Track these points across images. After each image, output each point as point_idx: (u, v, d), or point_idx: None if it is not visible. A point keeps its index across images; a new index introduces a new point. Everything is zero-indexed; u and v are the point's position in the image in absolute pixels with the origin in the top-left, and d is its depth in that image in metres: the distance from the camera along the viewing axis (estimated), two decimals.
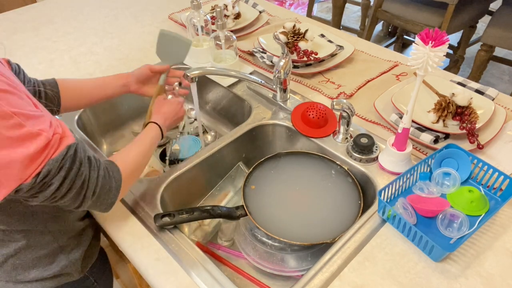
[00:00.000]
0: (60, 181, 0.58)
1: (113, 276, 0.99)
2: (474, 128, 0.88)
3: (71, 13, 1.55)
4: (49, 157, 0.56)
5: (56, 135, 0.57)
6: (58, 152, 0.57)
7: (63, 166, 0.58)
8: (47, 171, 0.56)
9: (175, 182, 0.88)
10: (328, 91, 1.10)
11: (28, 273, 0.72)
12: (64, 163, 0.58)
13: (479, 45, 2.08)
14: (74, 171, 0.59)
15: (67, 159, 0.58)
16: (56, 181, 0.58)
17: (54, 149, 0.57)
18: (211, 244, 0.89)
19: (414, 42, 0.69)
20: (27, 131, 0.53)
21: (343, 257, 0.70)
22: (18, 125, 0.52)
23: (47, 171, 0.56)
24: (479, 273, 0.67)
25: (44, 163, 0.56)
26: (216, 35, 1.10)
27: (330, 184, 0.88)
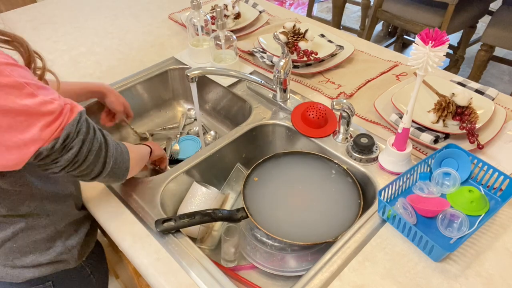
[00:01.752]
0: (80, 144, 0.61)
1: (108, 272, 0.99)
2: (474, 128, 0.88)
3: (71, 13, 1.55)
4: (65, 123, 0.59)
5: (67, 105, 0.61)
6: (72, 117, 0.60)
7: (80, 130, 0.61)
8: (66, 135, 0.59)
9: (175, 182, 0.88)
10: (328, 91, 1.10)
11: (25, 257, 0.74)
12: (81, 127, 0.62)
13: (479, 45, 2.08)
14: (90, 134, 0.63)
15: (82, 123, 0.62)
16: (76, 144, 0.61)
17: (68, 116, 0.60)
18: None
19: (414, 42, 0.69)
20: (40, 99, 0.56)
21: (343, 257, 0.70)
22: (31, 94, 0.55)
23: (66, 135, 0.59)
24: (479, 273, 0.67)
25: (62, 128, 0.59)
26: (216, 35, 1.10)
27: (330, 184, 0.88)
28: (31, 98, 0.55)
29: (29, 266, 0.75)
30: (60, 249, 0.77)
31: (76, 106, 0.62)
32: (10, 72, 0.53)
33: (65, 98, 0.62)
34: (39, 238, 0.74)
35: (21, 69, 0.56)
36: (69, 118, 0.60)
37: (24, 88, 0.54)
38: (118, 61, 1.26)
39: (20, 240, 0.72)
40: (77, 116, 0.61)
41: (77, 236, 0.80)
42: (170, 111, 1.30)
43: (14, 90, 0.53)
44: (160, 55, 1.28)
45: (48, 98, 0.57)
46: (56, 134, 0.58)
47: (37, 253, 0.75)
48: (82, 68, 1.22)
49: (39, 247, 0.75)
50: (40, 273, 0.76)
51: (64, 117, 0.59)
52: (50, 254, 0.76)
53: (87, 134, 0.63)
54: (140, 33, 1.41)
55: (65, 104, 0.60)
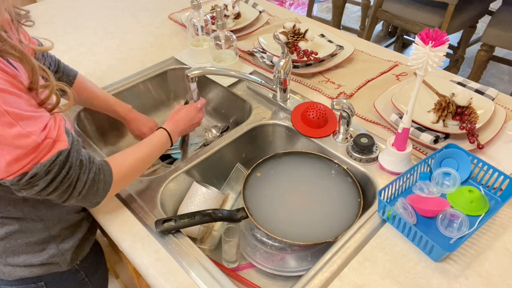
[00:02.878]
0: (46, 183, 0.60)
1: (108, 275, 0.99)
2: (474, 128, 0.88)
3: (71, 13, 1.55)
4: (37, 160, 0.58)
5: (48, 139, 0.58)
6: (49, 156, 0.58)
7: (51, 171, 0.59)
8: (34, 174, 0.58)
9: (175, 182, 0.88)
10: (328, 91, 1.10)
11: (18, 257, 0.74)
12: (53, 168, 0.59)
13: (479, 45, 2.08)
14: (62, 175, 0.61)
15: (56, 164, 0.60)
16: (42, 182, 0.59)
17: (44, 153, 0.58)
18: None
19: (414, 42, 0.69)
20: (16, 131, 0.54)
21: (343, 257, 0.70)
22: (8, 124, 0.54)
23: (34, 174, 0.58)
24: (479, 273, 0.67)
25: (32, 165, 0.57)
26: (216, 35, 1.10)
27: (330, 184, 0.88)
28: (7, 128, 0.54)
29: (20, 266, 0.75)
30: (53, 251, 0.77)
31: (60, 142, 0.60)
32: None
33: (58, 125, 0.61)
34: (32, 241, 0.74)
35: (11, 96, 0.55)
36: (44, 156, 0.58)
37: (3, 116, 0.53)
38: (118, 61, 1.26)
39: (13, 240, 0.73)
40: (54, 155, 0.59)
41: (72, 240, 0.80)
42: (170, 111, 1.30)
43: None
44: (160, 55, 1.28)
45: (25, 131, 0.55)
46: (24, 169, 0.57)
47: (29, 254, 0.75)
48: (82, 68, 1.22)
49: (32, 249, 0.75)
50: (31, 273, 0.76)
51: (39, 154, 0.57)
52: (42, 256, 0.76)
53: (57, 174, 0.60)
54: (140, 33, 1.41)
55: (46, 139, 0.58)
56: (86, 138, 0.98)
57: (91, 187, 0.66)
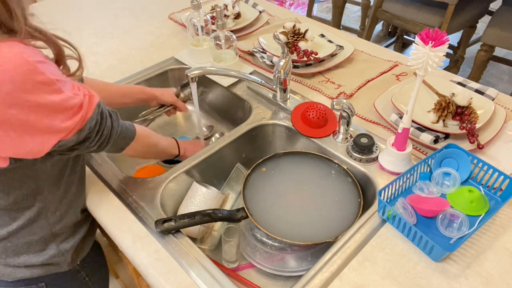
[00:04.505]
0: (95, 133, 0.68)
1: (109, 275, 0.99)
2: (474, 128, 0.88)
3: (71, 13, 1.55)
4: (86, 116, 0.64)
5: (86, 96, 0.65)
6: (92, 111, 0.65)
7: (96, 122, 0.68)
8: (87, 128, 0.65)
9: (175, 182, 0.88)
10: (328, 91, 1.10)
11: (18, 257, 0.74)
12: (98, 118, 0.68)
13: (479, 45, 2.08)
14: (103, 124, 0.69)
15: (98, 115, 0.68)
16: (92, 133, 0.67)
17: (87, 108, 0.65)
18: None
19: (414, 42, 0.69)
20: (65, 95, 0.60)
21: (343, 257, 0.70)
22: (58, 91, 0.59)
23: (87, 128, 0.65)
24: (479, 273, 0.67)
25: (83, 121, 0.64)
26: (216, 35, 1.10)
27: (330, 184, 0.88)
28: (58, 94, 0.59)
29: (21, 266, 0.75)
30: (53, 252, 0.77)
31: (93, 96, 0.66)
32: (43, 70, 0.57)
33: (81, 85, 0.66)
34: (33, 240, 0.74)
35: (51, 65, 0.60)
36: (88, 111, 0.65)
37: (54, 84, 0.58)
38: (118, 61, 1.26)
39: (15, 239, 0.73)
40: (95, 109, 0.66)
41: (72, 240, 0.80)
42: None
43: (45, 86, 0.57)
44: (160, 55, 1.28)
45: (71, 94, 0.61)
46: (78, 127, 0.63)
47: (30, 253, 0.75)
48: None
49: (33, 248, 0.75)
50: (31, 274, 0.76)
51: (84, 110, 0.64)
52: (43, 256, 0.76)
53: (101, 124, 0.69)
54: (140, 33, 1.41)
55: (84, 96, 0.64)
56: None
57: (121, 133, 0.75)
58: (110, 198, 0.83)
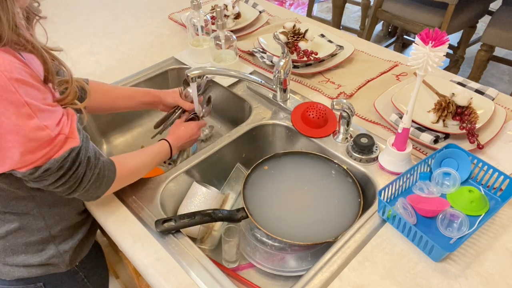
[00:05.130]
0: (56, 178, 0.62)
1: (108, 276, 0.99)
2: (474, 128, 0.88)
3: (71, 13, 1.55)
4: (50, 155, 0.59)
5: (61, 135, 0.60)
6: (61, 153, 0.60)
7: (62, 166, 0.61)
8: (46, 168, 0.60)
9: (175, 182, 0.88)
10: (328, 91, 1.10)
11: (17, 256, 0.74)
12: (64, 164, 0.61)
13: (479, 45, 2.08)
14: (71, 171, 0.63)
15: (67, 161, 0.62)
16: (52, 178, 0.62)
17: (57, 148, 0.60)
18: None
19: (414, 42, 0.69)
20: (34, 123, 0.56)
21: (343, 257, 0.70)
22: (28, 116, 0.55)
23: (46, 168, 0.60)
24: (479, 273, 0.67)
25: (45, 160, 0.59)
26: (216, 35, 1.10)
27: (330, 184, 0.88)
28: (26, 119, 0.55)
29: (19, 265, 0.75)
30: (52, 252, 0.77)
31: (72, 139, 0.62)
32: (16, 89, 0.54)
33: (70, 122, 0.62)
34: (32, 240, 0.74)
35: (31, 88, 0.56)
36: (57, 151, 0.60)
37: (23, 107, 0.55)
38: (118, 61, 1.26)
39: (12, 239, 0.73)
40: (66, 152, 0.61)
41: (71, 241, 0.80)
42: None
43: (13, 107, 0.54)
44: (160, 55, 1.28)
45: (42, 124, 0.57)
46: (37, 163, 0.59)
47: (28, 254, 0.75)
48: (82, 68, 1.22)
49: (31, 249, 0.75)
50: (29, 274, 0.76)
51: (52, 148, 0.59)
52: (41, 257, 0.76)
53: (68, 170, 0.63)
54: (140, 33, 1.41)
55: (59, 134, 0.60)
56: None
57: (95, 182, 0.68)
58: (110, 198, 0.83)
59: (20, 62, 0.56)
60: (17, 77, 0.54)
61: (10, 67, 0.53)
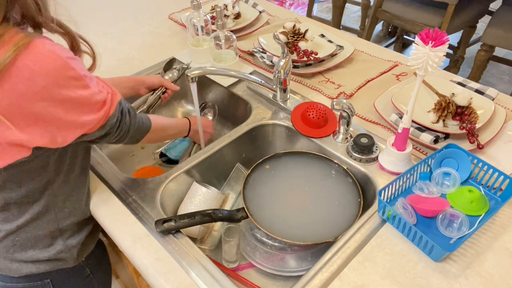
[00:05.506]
0: (115, 129, 0.72)
1: (111, 272, 0.99)
2: (474, 128, 0.88)
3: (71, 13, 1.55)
4: (109, 112, 0.68)
5: (109, 94, 0.68)
6: (114, 107, 0.69)
7: (117, 119, 0.71)
8: (110, 125, 0.69)
9: (175, 182, 0.88)
10: (328, 91, 1.10)
11: (25, 252, 0.75)
12: (118, 116, 0.71)
13: (479, 45, 2.08)
14: (123, 121, 0.73)
15: (119, 112, 0.71)
16: (113, 129, 0.72)
17: (110, 105, 0.68)
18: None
19: (414, 42, 0.69)
20: (91, 91, 0.63)
21: (343, 257, 0.70)
22: (86, 86, 0.62)
23: (110, 125, 0.69)
24: (479, 273, 0.67)
25: (106, 117, 0.67)
26: (216, 35, 1.10)
27: (330, 184, 0.88)
28: (86, 89, 0.62)
29: (27, 261, 0.75)
30: (60, 247, 0.77)
31: (115, 94, 0.70)
32: (73, 66, 0.60)
33: (104, 81, 0.69)
34: (41, 234, 0.75)
35: (79, 61, 0.63)
36: (111, 108, 0.68)
37: (82, 80, 0.61)
38: (118, 61, 1.26)
39: (23, 234, 0.74)
40: (117, 106, 0.70)
41: (79, 236, 0.80)
42: (170, 111, 1.30)
43: (76, 81, 0.61)
44: (160, 55, 1.28)
45: (97, 90, 0.65)
46: (101, 122, 0.67)
47: (37, 249, 0.76)
48: None
49: (40, 243, 0.76)
50: (38, 270, 0.76)
51: (107, 107, 0.67)
52: (50, 252, 0.76)
53: (121, 121, 0.73)
54: (140, 33, 1.41)
55: (107, 93, 0.68)
56: None
57: (138, 128, 0.80)
58: (110, 198, 0.83)
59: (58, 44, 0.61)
60: (68, 55, 0.60)
61: (60, 48, 0.60)
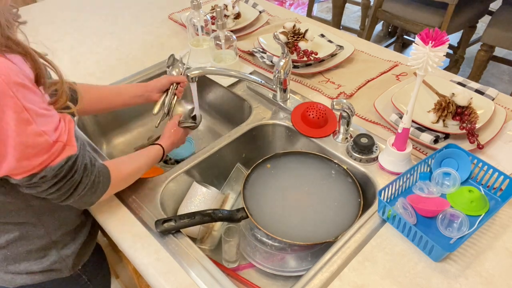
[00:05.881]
0: (51, 185, 0.61)
1: (110, 276, 0.99)
2: (474, 128, 0.88)
3: (71, 13, 1.55)
4: (47, 163, 0.58)
5: (60, 142, 0.59)
6: (58, 160, 0.59)
7: (58, 174, 0.60)
8: (43, 176, 0.58)
9: (175, 182, 0.88)
10: (328, 91, 1.10)
11: (19, 264, 0.74)
12: (60, 172, 0.60)
13: (479, 45, 2.08)
14: (67, 178, 0.62)
15: (64, 168, 0.61)
16: (46, 184, 0.61)
17: (55, 156, 0.59)
18: None
19: (414, 42, 0.69)
20: (32, 129, 0.55)
21: (343, 257, 0.70)
22: (26, 121, 0.54)
23: (43, 176, 0.58)
24: (479, 273, 0.67)
25: (42, 167, 0.58)
26: (216, 35, 1.10)
27: (330, 184, 0.88)
28: (24, 125, 0.54)
29: (22, 273, 0.74)
30: (54, 258, 0.76)
31: (70, 147, 0.61)
32: (15, 93, 0.52)
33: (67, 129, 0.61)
34: (33, 248, 0.74)
35: (28, 91, 0.54)
36: (54, 159, 0.59)
37: (22, 112, 0.53)
38: (118, 61, 1.26)
39: (13, 248, 0.72)
40: (63, 160, 0.60)
41: (73, 245, 0.79)
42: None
43: (12, 112, 0.52)
44: (160, 55, 1.28)
45: (39, 130, 0.56)
46: (34, 171, 0.58)
47: (31, 261, 0.74)
48: (82, 68, 1.22)
49: (33, 256, 0.74)
50: (32, 281, 0.75)
51: (50, 156, 0.58)
52: (44, 263, 0.75)
53: (63, 178, 0.61)
54: (140, 33, 1.41)
55: (57, 142, 0.58)
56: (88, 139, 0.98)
57: (90, 189, 0.67)
58: (110, 198, 0.83)
59: (14, 65, 0.54)
60: (15, 80, 0.52)
61: (7, 70, 0.52)
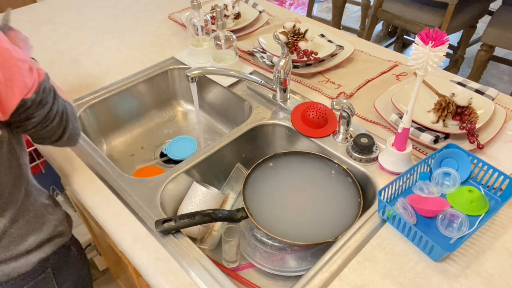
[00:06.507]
0: (52, 100, 0.70)
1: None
2: (474, 128, 0.88)
3: (71, 13, 1.55)
4: (38, 78, 0.67)
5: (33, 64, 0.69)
6: (42, 76, 0.68)
7: (51, 87, 0.70)
8: (43, 88, 0.68)
9: (175, 182, 0.88)
10: (328, 91, 1.10)
11: (25, 241, 0.76)
12: (51, 85, 0.70)
13: (479, 45, 2.08)
14: (57, 94, 0.72)
15: (49, 83, 0.70)
16: (49, 99, 0.69)
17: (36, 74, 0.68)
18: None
19: (414, 42, 0.69)
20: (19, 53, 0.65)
21: (343, 257, 0.70)
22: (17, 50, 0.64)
23: (43, 88, 0.68)
24: (479, 273, 0.67)
25: (38, 82, 0.67)
26: (216, 35, 1.10)
27: (330, 184, 0.88)
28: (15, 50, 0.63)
29: (32, 249, 0.77)
30: (52, 222, 0.81)
31: (40, 68, 0.70)
32: None
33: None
34: (31, 217, 0.77)
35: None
36: (40, 75, 0.68)
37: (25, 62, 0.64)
38: (118, 61, 1.26)
39: (17, 223, 0.74)
40: (45, 76, 0.69)
41: (59, 211, 0.85)
42: (170, 111, 1.31)
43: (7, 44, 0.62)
44: (160, 55, 1.28)
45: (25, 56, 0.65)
46: (35, 88, 0.66)
47: (35, 232, 0.77)
48: (82, 68, 1.22)
49: (34, 227, 0.77)
50: (45, 253, 0.79)
51: (35, 74, 0.67)
52: (47, 230, 0.79)
53: (55, 94, 0.71)
54: (140, 33, 1.41)
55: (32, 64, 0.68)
56: (86, 138, 0.98)
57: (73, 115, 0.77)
58: (110, 198, 0.83)
59: None
60: None
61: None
